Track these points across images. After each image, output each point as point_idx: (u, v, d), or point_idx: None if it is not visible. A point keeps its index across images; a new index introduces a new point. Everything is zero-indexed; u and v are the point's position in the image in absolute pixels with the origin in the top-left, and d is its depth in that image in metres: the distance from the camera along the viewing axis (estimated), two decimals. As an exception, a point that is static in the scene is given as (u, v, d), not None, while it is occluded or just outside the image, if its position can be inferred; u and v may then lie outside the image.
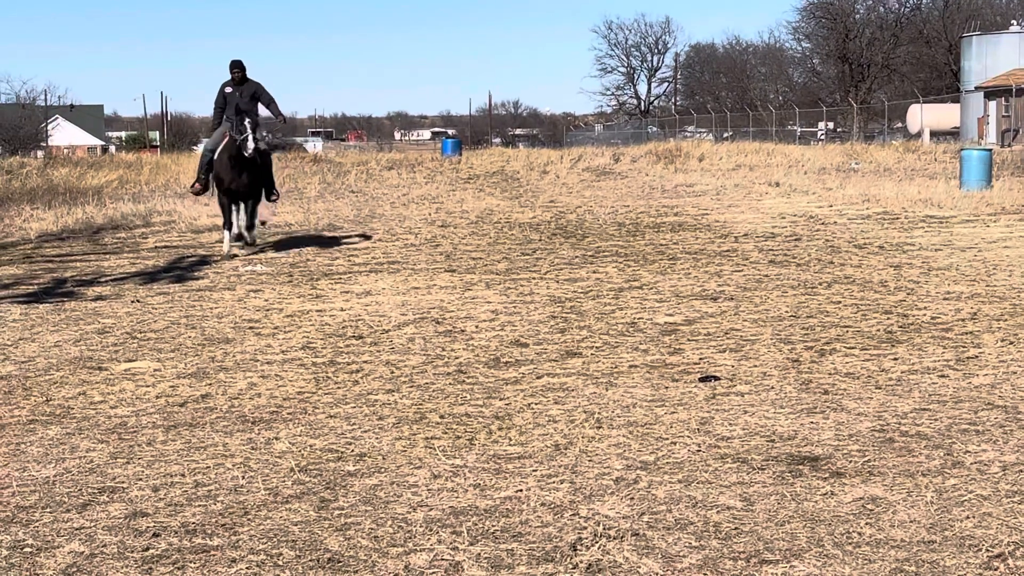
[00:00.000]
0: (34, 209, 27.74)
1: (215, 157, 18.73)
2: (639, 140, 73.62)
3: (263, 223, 21.21)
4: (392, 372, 9.86)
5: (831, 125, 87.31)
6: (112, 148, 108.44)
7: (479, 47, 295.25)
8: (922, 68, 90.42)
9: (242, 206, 19.01)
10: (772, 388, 9.06)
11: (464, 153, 53.16)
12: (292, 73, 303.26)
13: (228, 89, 18.81)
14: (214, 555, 5.74)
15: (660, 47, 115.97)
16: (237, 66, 18.85)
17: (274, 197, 19.64)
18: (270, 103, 18.94)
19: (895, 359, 10.03)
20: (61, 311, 13.26)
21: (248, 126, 17.94)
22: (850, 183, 32.52)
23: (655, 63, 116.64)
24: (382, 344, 11.08)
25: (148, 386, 9.45)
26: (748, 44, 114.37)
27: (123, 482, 6.93)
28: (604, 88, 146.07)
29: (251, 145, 17.87)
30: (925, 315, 12.12)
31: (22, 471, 7.18)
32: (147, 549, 5.83)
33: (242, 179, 18.46)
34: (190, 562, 5.65)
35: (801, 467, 7.02)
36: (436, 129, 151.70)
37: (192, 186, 20.22)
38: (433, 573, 5.49)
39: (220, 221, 21.77)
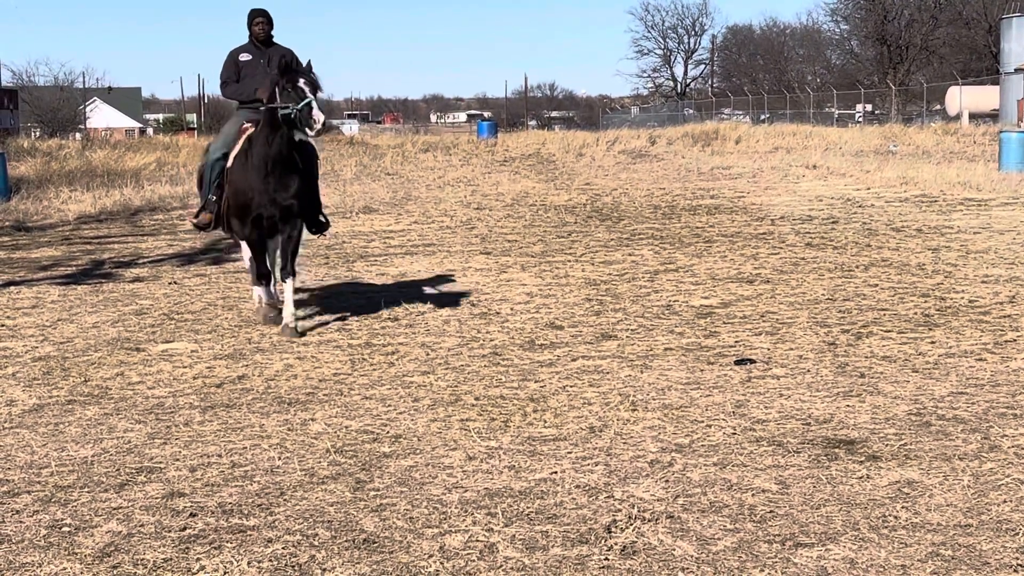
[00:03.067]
0: (72, 191, 27.90)
1: (229, 165, 11.15)
2: (675, 122, 73.36)
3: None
4: (427, 354, 9.88)
5: (869, 107, 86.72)
6: (149, 130, 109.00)
7: (515, 29, 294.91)
8: (961, 50, 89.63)
9: (279, 241, 11.27)
10: (808, 371, 9.03)
11: (500, 135, 53.14)
12: (329, 55, 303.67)
13: (245, 56, 11.72)
14: (250, 535, 5.78)
15: (697, 29, 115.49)
16: (262, 17, 11.89)
17: (320, 226, 11.61)
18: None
19: (932, 342, 9.97)
20: (99, 292, 13.35)
21: (306, 87, 10.47)
22: (888, 165, 32.31)
23: (692, 45, 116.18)
24: (417, 326, 11.10)
25: (185, 367, 9.50)
26: (786, 26, 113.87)
27: (160, 462, 6.98)
28: (640, 70, 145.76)
29: (319, 117, 10.39)
30: (963, 298, 12.04)
31: (60, 451, 7.24)
32: (184, 529, 5.87)
33: (285, 193, 10.81)
34: (227, 542, 5.69)
35: (837, 450, 7.00)
36: (472, 112, 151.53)
37: (197, 216, 11.68)
38: (468, 554, 5.51)
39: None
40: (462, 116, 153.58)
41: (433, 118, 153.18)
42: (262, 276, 11.40)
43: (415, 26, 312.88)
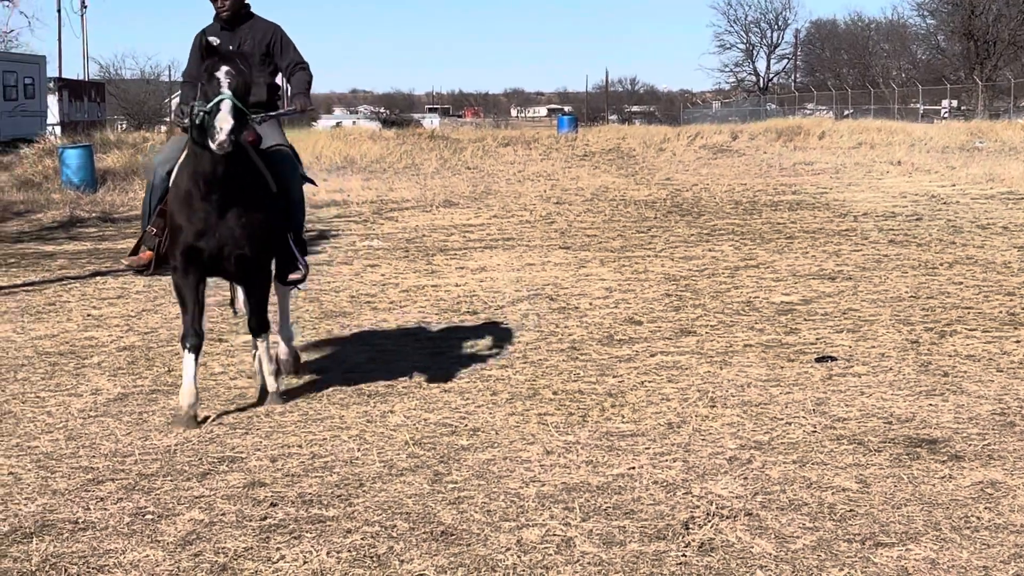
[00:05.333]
0: (158, 183, 28.20)
1: (172, 183, 7.97)
2: (757, 117, 72.81)
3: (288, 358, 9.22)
4: (506, 348, 9.90)
5: (955, 103, 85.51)
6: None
7: (597, 23, 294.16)
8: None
9: (240, 293, 9.00)
10: (890, 369, 8.93)
11: (580, 130, 53.07)
12: (410, 49, 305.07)
13: (212, 39, 8.21)
14: (330, 525, 5.82)
15: (780, 23, 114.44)
16: None
17: (297, 273, 8.24)
18: (293, 69, 8.60)
19: (1017, 341, 9.82)
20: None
21: (224, 79, 7.30)
22: (974, 162, 31.85)
23: (775, 39, 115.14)
24: (496, 320, 11.13)
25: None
26: (871, 20, 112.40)
27: (242, 452, 7.06)
28: (722, 65, 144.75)
29: (223, 125, 7.12)
30: (1050, 297, 11.85)
31: (144, 440, 7.35)
32: (264, 518, 5.94)
33: (228, 224, 7.69)
34: (306, 532, 5.74)
35: (919, 450, 6.92)
36: (552, 106, 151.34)
37: (134, 253, 8.41)
38: (545, 548, 5.52)
39: (342, 195, 21.76)
40: (542, 110, 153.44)
41: (513, 112, 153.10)
42: (186, 337, 7.87)
43: (496, 20, 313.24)
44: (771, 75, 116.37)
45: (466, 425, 7.59)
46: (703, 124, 55.56)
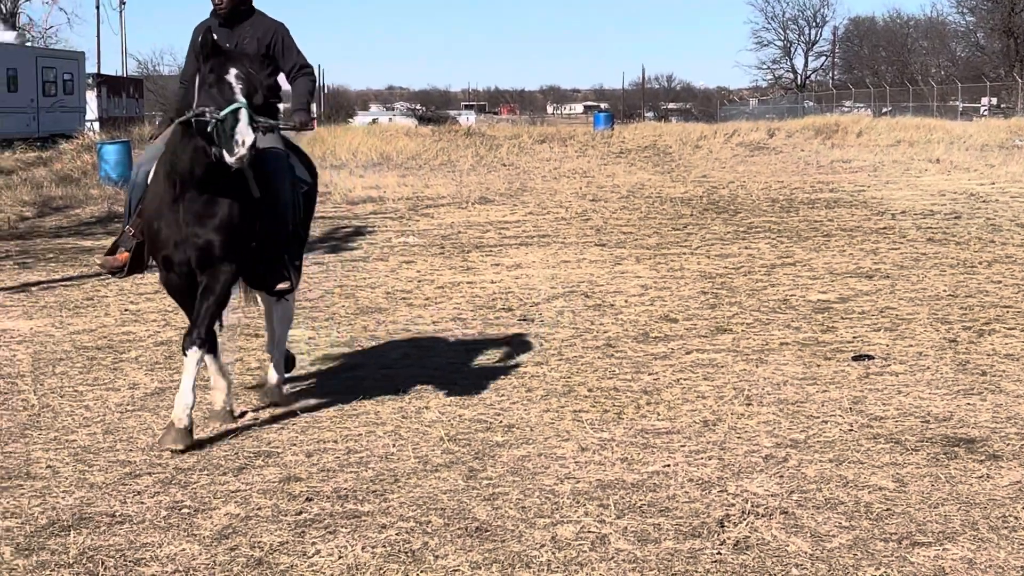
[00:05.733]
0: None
1: (149, 183, 7.52)
2: (795, 115, 72.49)
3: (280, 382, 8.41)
4: (541, 344, 9.90)
5: (994, 101, 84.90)
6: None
7: (633, 20, 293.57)
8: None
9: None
10: (928, 368, 8.88)
11: (616, 127, 52.99)
12: (446, 46, 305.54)
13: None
14: (365, 520, 5.84)
15: (818, 20, 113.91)
16: None
17: (285, 283, 7.66)
18: (297, 73, 8.19)
19: (1057, 341, 9.74)
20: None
21: (237, 83, 6.79)
22: (1014, 160, 31.59)
23: (812, 36, 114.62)
24: (531, 317, 11.12)
25: (302, 354, 9.62)
26: (909, 17, 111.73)
27: (278, 447, 7.08)
28: (760, 62, 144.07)
29: (244, 137, 6.64)
30: (1090, 297, 11.75)
31: (181, 434, 7.37)
32: (300, 513, 5.96)
33: (199, 228, 7.14)
34: (341, 527, 5.76)
35: (956, 449, 6.87)
36: (588, 103, 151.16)
37: (111, 252, 7.83)
38: (580, 545, 5.51)
39: (378, 192, 21.76)
40: (578, 107, 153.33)
41: (549, 109, 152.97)
42: (191, 335, 7.26)
43: (533, 17, 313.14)
44: (809, 72, 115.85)
45: (501, 421, 7.59)
46: (740, 121, 55.36)
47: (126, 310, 11.70)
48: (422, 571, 5.23)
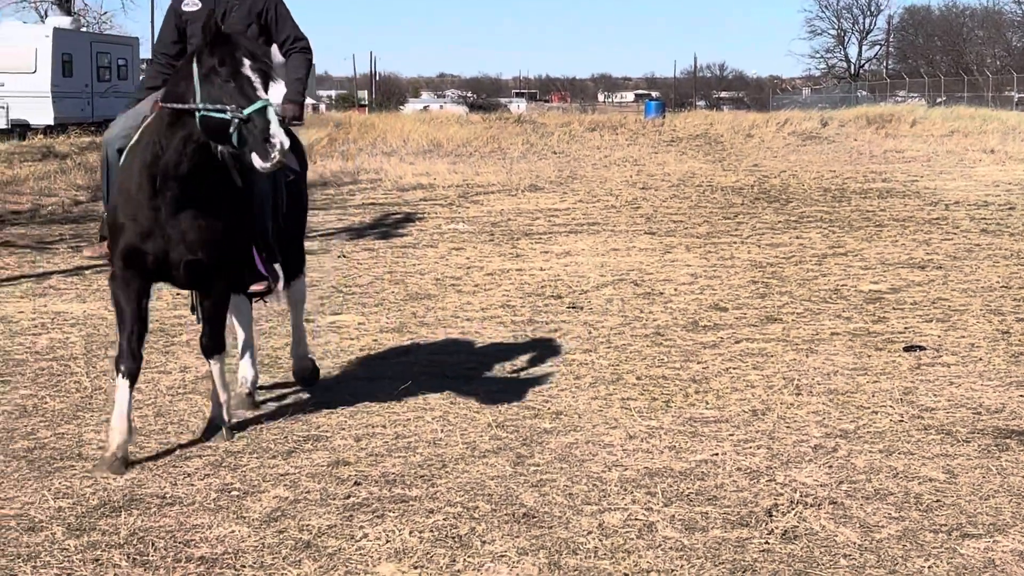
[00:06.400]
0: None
1: (120, 169, 6.78)
2: (848, 104, 71.91)
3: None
4: (590, 332, 9.89)
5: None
6: (322, 107, 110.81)
7: (685, 8, 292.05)
8: None
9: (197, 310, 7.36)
10: (980, 360, 8.80)
11: (667, 115, 52.79)
12: (497, 34, 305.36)
13: (190, 5, 7.35)
14: (412, 505, 5.86)
15: (873, 9, 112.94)
16: None
17: (260, 284, 7.10)
18: (292, 46, 7.53)
19: (1113, 334, 9.63)
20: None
21: (255, 75, 6.13)
22: (1070, 151, 31.23)
23: (867, 25, 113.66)
24: (580, 304, 11.11)
25: (352, 339, 9.67)
26: (965, 7, 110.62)
27: (327, 431, 7.12)
28: (813, 51, 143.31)
29: (280, 139, 5.95)
30: None
31: (231, 417, 7.42)
32: (348, 497, 5.98)
33: (172, 229, 6.46)
34: (389, 511, 5.78)
35: (1008, 441, 6.81)
36: (640, 91, 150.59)
37: (99, 242, 7.32)
38: (627, 532, 5.51)
39: (428, 179, 21.81)
40: (630, 96, 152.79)
41: (600, 97, 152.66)
42: (120, 359, 6.64)
43: (584, 4, 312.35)
44: (862, 61, 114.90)
45: (549, 408, 7.59)
46: (792, 110, 55.03)
47: (177, 294, 11.75)
48: (469, 556, 5.24)
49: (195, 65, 6.21)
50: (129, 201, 6.46)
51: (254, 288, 7.07)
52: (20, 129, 37.15)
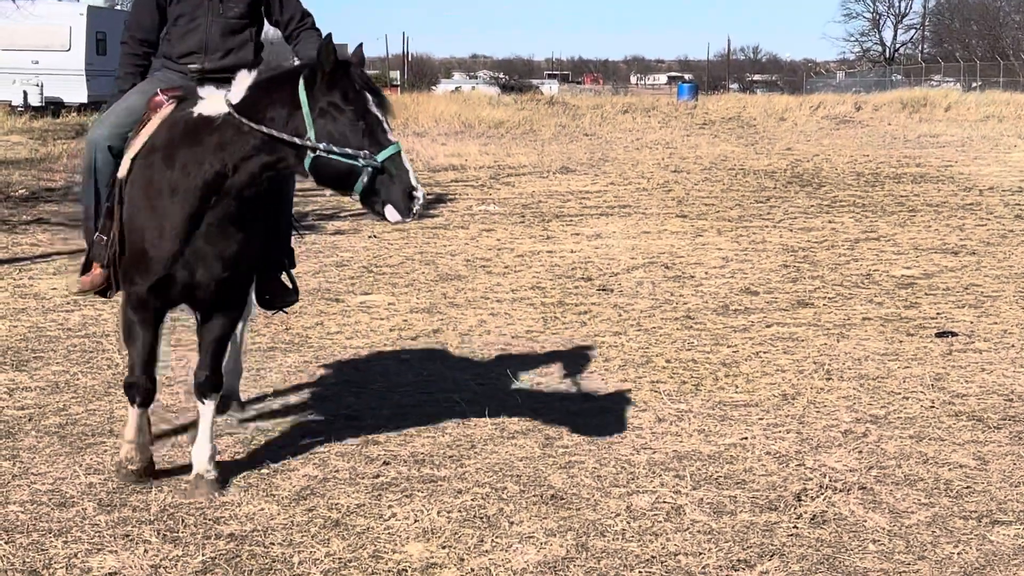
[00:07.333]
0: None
1: (124, 175, 5.78)
2: (882, 88, 71.50)
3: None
4: (619, 315, 9.88)
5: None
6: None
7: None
8: None
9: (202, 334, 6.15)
10: (1012, 346, 8.75)
11: (700, 98, 52.59)
12: (530, 15, 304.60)
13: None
14: (441, 485, 5.87)
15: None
16: None
17: (276, 296, 6.35)
18: (299, 26, 6.40)
19: None
20: (301, 244, 13.67)
21: (382, 114, 5.44)
22: (1106, 137, 30.97)
23: (902, 9, 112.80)
24: (610, 287, 11.10)
25: (382, 319, 9.69)
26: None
27: (357, 411, 7.14)
28: (848, 34, 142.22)
29: (420, 193, 5.41)
30: None
31: (262, 396, 7.45)
32: (377, 476, 6.01)
33: (221, 253, 5.66)
34: (418, 491, 5.79)
35: (1040, 429, 6.77)
36: (672, 74, 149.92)
37: (84, 272, 6.08)
38: (655, 515, 5.51)
39: (459, 160, 21.80)
40: (662, 78, 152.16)
41: (633, 79, 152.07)
42: (136, 386, 5.91)
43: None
44: (897, 45, 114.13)
45: (578, 390, 7.59)
46: (826, 94, 54.76)
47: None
48: (497, 536, 5.25)
49: (303, 93, 5.36)
50: (156, 217, 5.60)
51: (287, 299, 6.34)
52: (54, 107, 37.28)
